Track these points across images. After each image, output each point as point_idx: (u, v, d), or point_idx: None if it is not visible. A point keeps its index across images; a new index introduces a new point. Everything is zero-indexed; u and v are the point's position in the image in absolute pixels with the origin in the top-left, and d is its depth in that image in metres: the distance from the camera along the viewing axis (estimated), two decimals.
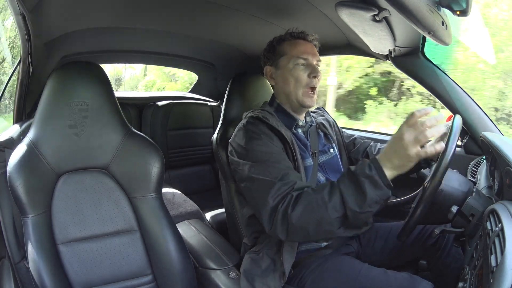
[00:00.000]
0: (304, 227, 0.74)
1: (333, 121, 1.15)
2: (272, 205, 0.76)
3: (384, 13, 0.82)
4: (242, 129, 0.92)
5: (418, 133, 0.65)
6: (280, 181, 0.78)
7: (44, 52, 1.04)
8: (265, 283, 0.85)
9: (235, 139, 0.92)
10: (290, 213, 0.73)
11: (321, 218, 0.72)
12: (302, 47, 0.96)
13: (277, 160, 0.83)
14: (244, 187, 0.86)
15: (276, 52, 1.00)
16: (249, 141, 0.87)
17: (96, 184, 0.92)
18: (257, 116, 0.93)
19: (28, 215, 0.82)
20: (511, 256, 0.47)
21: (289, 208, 0.74)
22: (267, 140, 0.87)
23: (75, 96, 0.89)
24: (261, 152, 0.84)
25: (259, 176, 0.80)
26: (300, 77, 0.95)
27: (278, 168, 0.81)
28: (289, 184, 0.78)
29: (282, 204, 0.75)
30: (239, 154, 0.88)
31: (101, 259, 0.90)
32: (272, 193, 0.77)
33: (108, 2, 1.00)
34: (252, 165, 0.83)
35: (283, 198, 0.76)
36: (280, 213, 0.75)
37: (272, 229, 0.78)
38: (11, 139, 0.95)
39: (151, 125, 1.85)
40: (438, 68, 1.14)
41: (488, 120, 1.11)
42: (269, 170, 0.80)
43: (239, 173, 0.88)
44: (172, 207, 1.41)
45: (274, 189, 0.77)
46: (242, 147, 0.88)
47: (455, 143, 0.73)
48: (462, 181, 0.79)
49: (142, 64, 2.74)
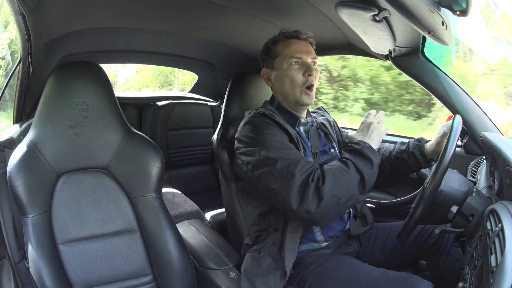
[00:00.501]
0: (336, 195, 0.79)
1: (333, 121, 1.14)
2: (301, 181, 0.80)
3: (384, 13, 0.82)
4: (250, 122, 0.92)
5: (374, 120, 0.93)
6: (303, 159, 0.83)
7: (44, 52, 1.04)
8: (266, 282, 0.85)
9: (242, 132, 0.91)
10: (322, 186, 0.78)
11: (348, 184, 0.80)
12: (295, 46, 0.96)
13: (291, 147, 0.87)
14: (262, 173, 0.84)
15: (271, 53, 0.99)
16: (260, 131, 0.88)
17: (96, 184, 0.92)
18: (263, 112, 0.93)
19: (28, 215, 0.82)
20: (511, 256, 0.47)
21: (320, 181, 0.79)
22: (277, 131, 0.89)
23: (75, 96, 0.89)
24: (275, 140, 0.86)
25: (280, 155, 0.83)
26: (295, 77, 0.94)
27: (294, 152, 0.85)
28: (311, 163, 0.84)
29: (312, 179, 0.80)
30: (250, 143, 0.88)
31: (101, 259, 0.90)
32: (298, 169, 0.80)
33: (108, 2, 1.00)
34: (269, 148, 0.84)
35: (310, 174, 0.81)
36: (312, 187, 0.79)
37: (300, 205, 0.79)
38: (11, 139, 0.95)
39: (151, 125, 1.85)
40: (438, 68, 1.14)
41: (488, 120, 1.11)
42: (288, 153, 0.84)
43: (253, 161, 0.86)
44: (172, 207, 1.41)
45: (300, 166, 0.81)
46: (253, 137, 0.88)
47: (455, 143, 0.73)
48: (462, 181, 0.79)
49: (142, 64, 2.73)
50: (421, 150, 0.99)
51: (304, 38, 0.98)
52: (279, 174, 0.81)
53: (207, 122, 2.00)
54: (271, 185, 0.82)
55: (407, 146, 1.02)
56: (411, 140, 1.03)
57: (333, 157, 1.01)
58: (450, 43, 0.77)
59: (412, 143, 1.01)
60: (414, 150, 0.99)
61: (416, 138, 1.03)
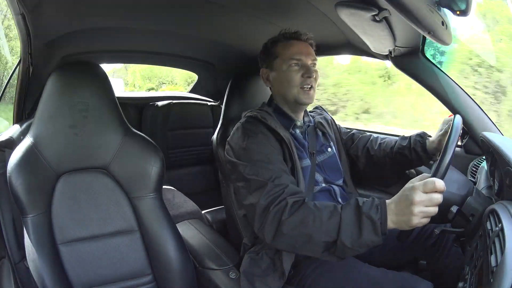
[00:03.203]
0: (292, 237, 0.73)
1: (331, 119, 1.14)
2: (264, 205, 0.76)
3: (384, 13, 0.82)
4: (240, 128, 0.92)
5: (429, 206, 0.63)
6: (272, 183, 0.78)
7: (44, 52, 1.04)
8: (265, 283, 0.85)
9: (232, 138, 0.92)
10: (284, 220, 0.73)
11: (310, 236, 0.71)
12: (295, 48, 0.95)
13: (271, 161, 0.83)
14: (239, 187, 0.86)
15: (270, 54, 0.99)
16: (245, 140, 0.87)
17: (96, 184, 0.92)
18: (255, 116, 0.93)
19: (28, 215, 0.82)
20: (511, 256, 0.47)
21: (284, 213, 0.73)
22: (263, 140, 0.87)
23: (75, 96, 0.89)
24: (256, 151, 0.84)
25: (252, 177, 0.81)
26: (294, 78, 0.94)
27: (270, 169, 0.81)
28: (281, 187, 0.78)
29: (274, 205, 0.75)
30: (235, 153, 0.88)
31: (101, 259, 0.90)
32: (264, 193, 0.77)
33: (108, 2, 1.00)
34: (246, 165, 0.83)
35: (274, 199, 0.76)
36: (271, 214, 0.75)
37: (260, 228, 0.77)
38: (11, 139, 0.95)
39: (151, 125, 1.85)
40: (438, 68, 1.14)
41: (488, 120, 1.11)
42: (262, 172, 0.81)
43: (235, 173, 0.88)
44: (172, 207, 1.41)
45: (266, 190, 0.78)
46: (239, 146, 0.88)
47: (455, 143, 0.73)
48: (462, 182, 0.78)
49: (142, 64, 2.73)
50: (423, 146, 0.98)
51: (304, 39, 0.98)
52: (250, 195, 0.81)
53: (207, 122, 2.00)
54: (244, 201, 0.84)
55: (409, 141, 1.01)
56: (413, 135, 1.02)
57: (330, 156, 1.01)
58: (450, 43, 0.77)
59: (414, 139, 1.00)
60: (416, 146, 0.99)
61: (417, 133, 1.02)
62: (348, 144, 1.12)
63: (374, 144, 1.08)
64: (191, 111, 1.97)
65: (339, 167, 1.03)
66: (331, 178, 0.98)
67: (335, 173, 1.00)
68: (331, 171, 1.00)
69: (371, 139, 1.10)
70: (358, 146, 1.10)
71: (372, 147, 1.08)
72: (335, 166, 1.02)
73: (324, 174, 0.98)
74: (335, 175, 1.00)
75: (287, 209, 0.73)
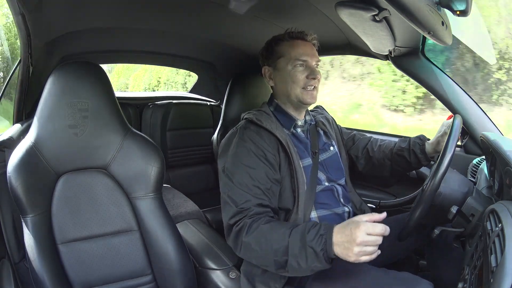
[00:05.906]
0: (250, 254, 0.79)
1: (332, 119, 1.14)
2: (229, 224, 0.82)
3: (384, 13, 0.82)
4: (233, 133, 0.92)
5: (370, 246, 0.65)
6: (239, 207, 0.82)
7: (44, 52, 1.04)
8: (265, 283, 0.85)
9: (224, 143, 0.93)
10: (242, 239, 0.79)
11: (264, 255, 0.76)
12: (301, 48, 0.95)
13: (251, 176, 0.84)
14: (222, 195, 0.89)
15: (274, 52, 0.98)
16: (233, 148, 0.88)
17: (96, 184, 0.92)
18: (251, 119, 0.92)
19: (28, 215, 0.82)
20: (511, 256, 0.47)
21: (243, 233, 0.78)
22: (252, 148, 0.86)
23: (75, 96, 0.89)
24: (240, 164, 0.85)
25: (225, 196, 0.85)
26: (299, 79, 0.94)
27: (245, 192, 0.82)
28: (247, 212, 0.81)
29: (236, 226, 0.81)
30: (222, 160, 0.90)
31: (101, 259, 0.90)
32: (230, 215, 0.82)
33: (108, 2, 1.00)
34: (226, 182, 0.86)
35: (237, 221, 0.81)
36: (233, 234, 0.81)
37: (228, 241, 0.84)
38: (11, 139, 0.95)
39: (151, 125, 1.85)
40: (438, 68, 1.14)
41: (488, 120, 1.11)
42: (235, 193, 0.83)
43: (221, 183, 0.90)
44: (172, 207, 1.41)
45: (233, 212, 0.82)
46: (226, 154, 0.89)
47: (454, 143, 0.73)
48: (462, 182, 0.79)
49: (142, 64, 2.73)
50: (422, 148, 0.99)
51: (309, 40, 0.98)
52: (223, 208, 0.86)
53: (207, 122, 2.00)
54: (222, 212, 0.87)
55: (408, 143, 1.02)
56: (412, 137, 1.03)
57: (332, 155, 1.01)
58: (450, 43, 0.77)
59: (413, 141, 1.01)
60: (415, 148, 0.99)
61: (417, 136, 1.03)
62: (349, 145, 1.12)
63: (374, 145, 1.09)
64: (191, 111, 1.97)
65: (341, 166, 1.03)
66: (333, 177, 0.98)
67: (337, 171, 1.00)
68: (333, 170, 0.99)
69: (371, 141, 1.11)
70: (358, 147, 1.11)
71: (372, 149, 1.08)
72: (337, 164, 1.02)
73: (327, 173, 0.97)
74: (338, 173, 1.00)
75: (245, 229, 0.78)
